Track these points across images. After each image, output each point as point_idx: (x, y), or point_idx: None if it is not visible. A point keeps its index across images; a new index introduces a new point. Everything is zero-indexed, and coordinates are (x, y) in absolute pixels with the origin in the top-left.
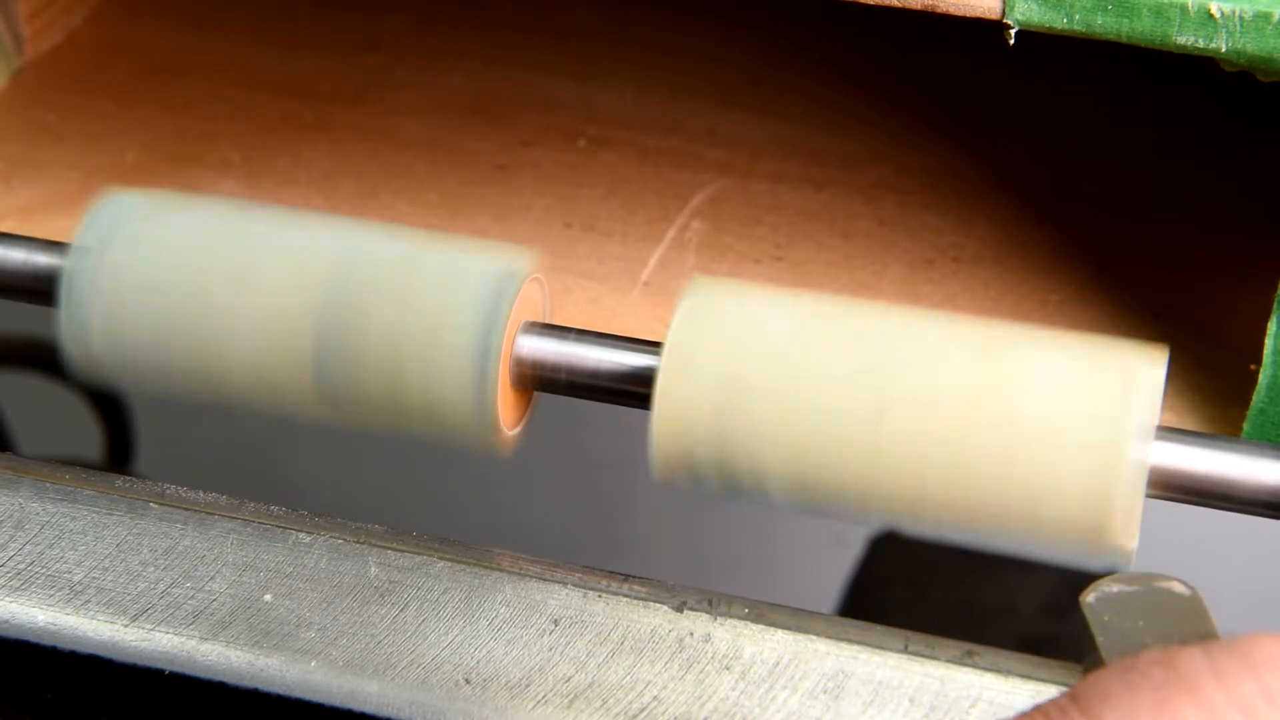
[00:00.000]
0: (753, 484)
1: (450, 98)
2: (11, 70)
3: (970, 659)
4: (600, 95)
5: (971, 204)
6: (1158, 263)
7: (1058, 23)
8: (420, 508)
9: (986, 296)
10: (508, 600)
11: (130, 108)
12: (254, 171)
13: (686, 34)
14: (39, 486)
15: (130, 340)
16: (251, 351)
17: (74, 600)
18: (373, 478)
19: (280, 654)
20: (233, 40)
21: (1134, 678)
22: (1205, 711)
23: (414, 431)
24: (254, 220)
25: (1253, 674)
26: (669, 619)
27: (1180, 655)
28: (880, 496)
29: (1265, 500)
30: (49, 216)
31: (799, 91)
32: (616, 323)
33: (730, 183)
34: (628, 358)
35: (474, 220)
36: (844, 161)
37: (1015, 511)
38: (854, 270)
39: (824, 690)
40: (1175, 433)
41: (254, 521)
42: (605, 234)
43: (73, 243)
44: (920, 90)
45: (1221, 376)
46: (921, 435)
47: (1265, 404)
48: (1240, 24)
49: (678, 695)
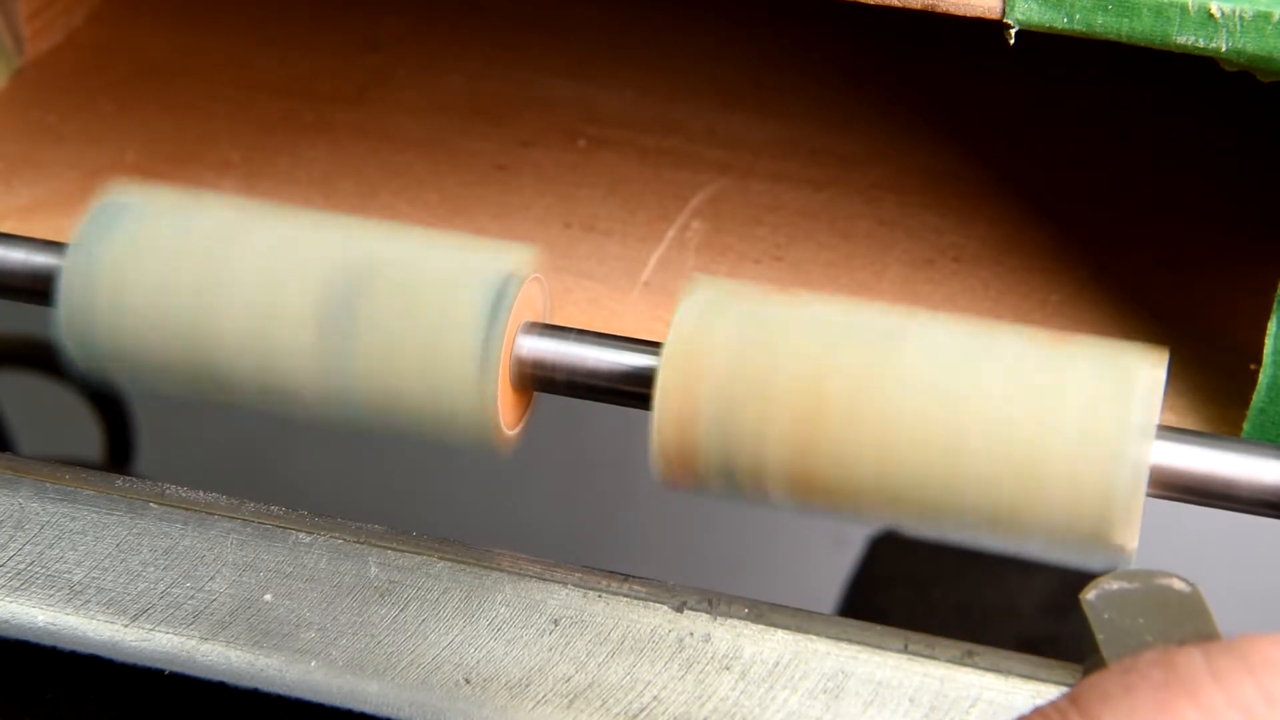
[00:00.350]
0: (753, 484)
1: (450, 98)
2: (11, 70)
3: (970, 659)
4: (600, 95)
5: (971, 204)
6: (1158, 263)
7: (1058, 23)
8: (420, 508)
9: (986, 296)
10: (508, 600)
11: (130, 108)
12: (254, 171)
13: (686, 34)
14: (39, 486)
15: (129, 339)
16: (251, 350)
17: (74, 600)
18: (373, 478)
19: (280, 654)
20: (233, 40)
21: (1133, 679)
22: (1204, 713)
23: (414, 431)
24: (254, 219)
25: (1251, 675)
26: (669, 619)
27: (1179, 656)
28: (881, 496)
29: (1265, 500)
30: (49, 216)
31: (799, 91)
32: (616, 323)
33: (730, 183)
34: (628, 358)
35: (474, 220)
36: (844, 161)
37: (1016, 511)
38: (854, 270)
39: (824, 690)
40: (1175, 432)
41: (254, 521)
42: (605, 234)
43: (71, 241)
44: (920, 90)
45: (1221, 376)
46: (921, 435)
47: (1265, 404)
48: (1240, 24)
49: (678, 695)
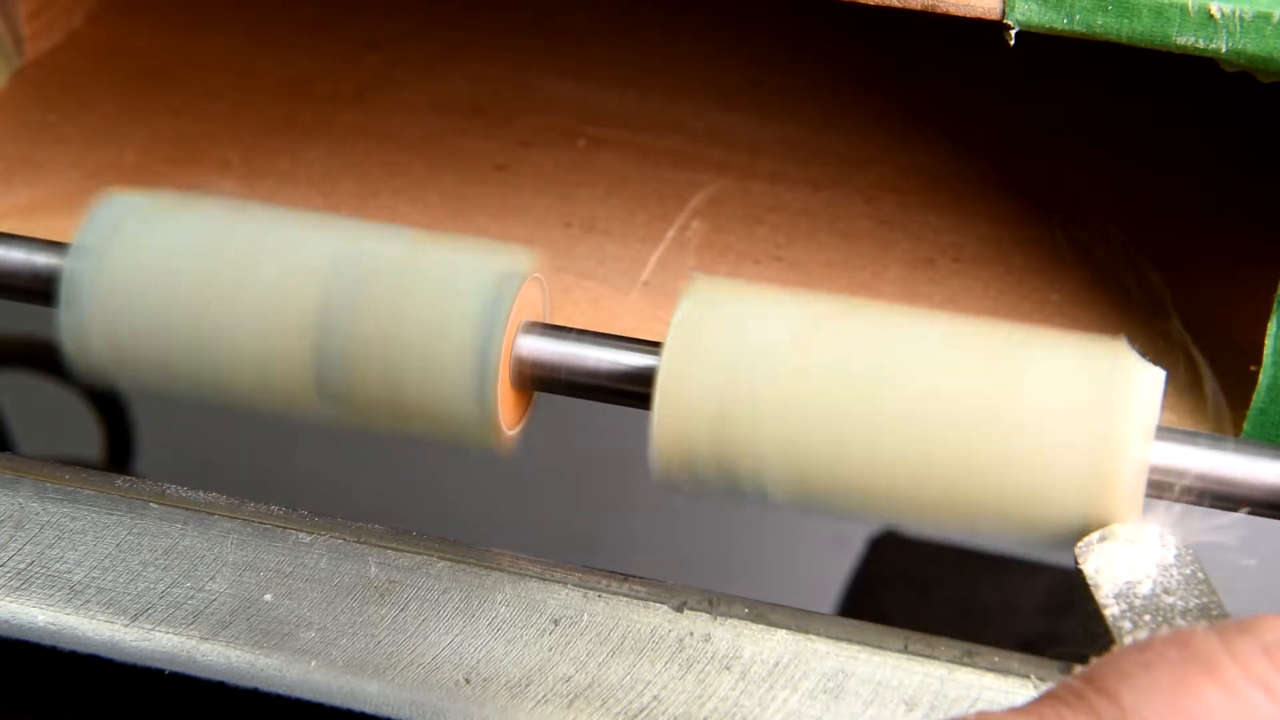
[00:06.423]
0: (753, 483)
1: (450, 98)
2: (11, 70)
3: (970, 659)
4: (600, 95)
5: (971, 204)
6: (1158, 263)
7: (1058, 23)
8: (420, 508)
9: (986, 296)
10: (508, 600)
11: (130, 108)
12: (254, 171)
13: (686, 34)
14: (39, 486)
15: (130, 339)
16: (252, 351)
17: (74, 600)
18: (373, 478)
19: (280, 654)
20: (233, 40)
21: (1149, 657)
22: (1224, 689)
23: (414, 431)
24: (254, 220)
25: (1266, 654)
26: (669, 619)
27: (1194, 636)
28: (880, 495)
29: (1265, 500)
30: (49, 216)
31: (799, 91)
32: (616, 323)
33: (730, 183)
34: (628, 358)
35: (474, 220)
36: (844, 161)
37: (1016, 510)
38: (854, 270)
39: (824, 690)
40: (1175, 433)
41: (254, 521)
42: (605, 234)
43: (73, 243)
44: (920, 90)
45: (1221, 376)
46: (921, 435)
47: (1265, 404)
48: (1240, 24)
49: (678, 695)
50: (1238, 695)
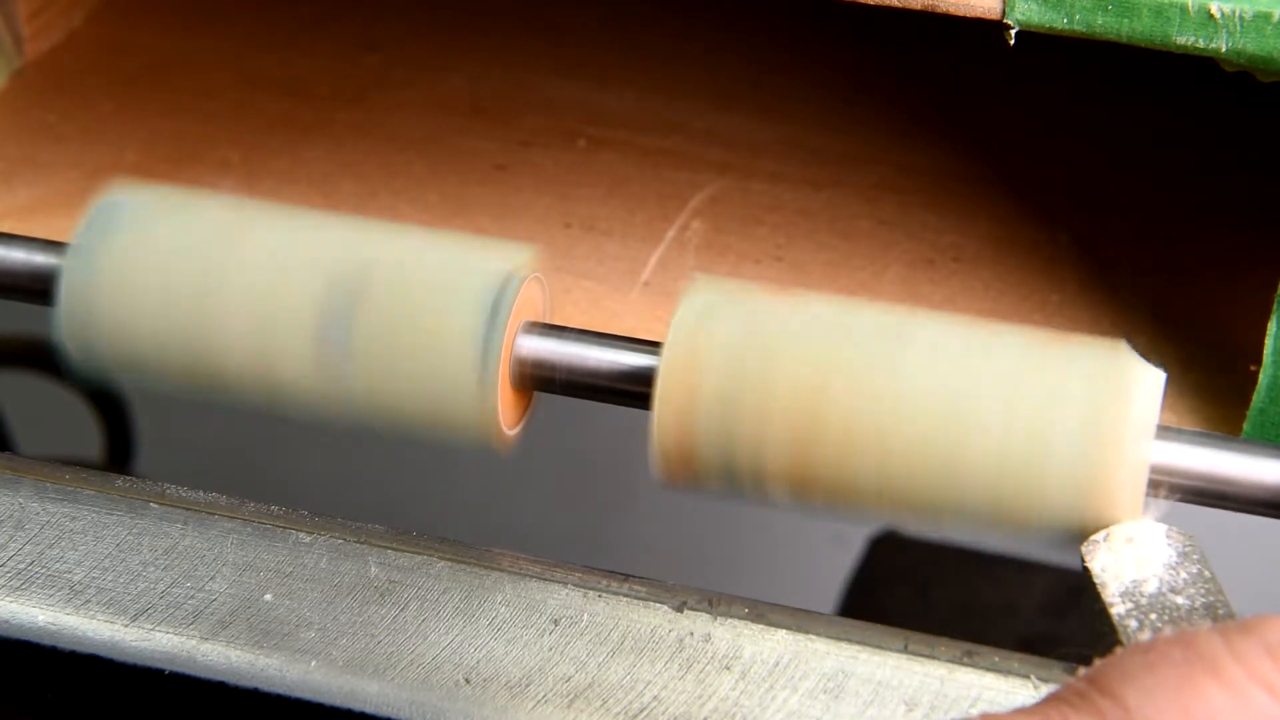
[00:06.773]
0: (753, 483)
1: (450, 98)
2: (11, 70)
3: (970, 659)
4: (600, 95)
5: (971, 204)
6: (1158, 263)
7: (1058, 23)
8: (420, 508)
9: (986, 296)
10: (508, 600)
11: (130, 108)
12: (254, 171)
13: (686, 34)
14: (39, 486)
15: (129, 339)
16: (251, 350)
17: (74, 600)
18: (373, 478)
19: (280, 654)
20: (233, 40)
21: (1153, 658)
22: (1228, 689)
23: (414, 431)
24: (254, 219)
25: (1269, 654)
26: (669, 619)
27: (1197, 637)
28: (880, 495)
29: (1265, 500)
30: (49, 216)
31: (799, 91)
32: (616, 323)
33: (730, 183)
34: (628, 358)
35: (474, 220)
36: (844, 161)
37: (1016, 510)
38: (854, 270)
39: (824, 690)
40: (1175, 432)
41: (254, 521)
42: (605, 234)
43: (72, 241)
44: (920, 90)
45: (1221, 376)
46: (921, 435)
47: (1265, 404)
48: (1240, 24)
49: (678, 695)
50: (1241, 695)
